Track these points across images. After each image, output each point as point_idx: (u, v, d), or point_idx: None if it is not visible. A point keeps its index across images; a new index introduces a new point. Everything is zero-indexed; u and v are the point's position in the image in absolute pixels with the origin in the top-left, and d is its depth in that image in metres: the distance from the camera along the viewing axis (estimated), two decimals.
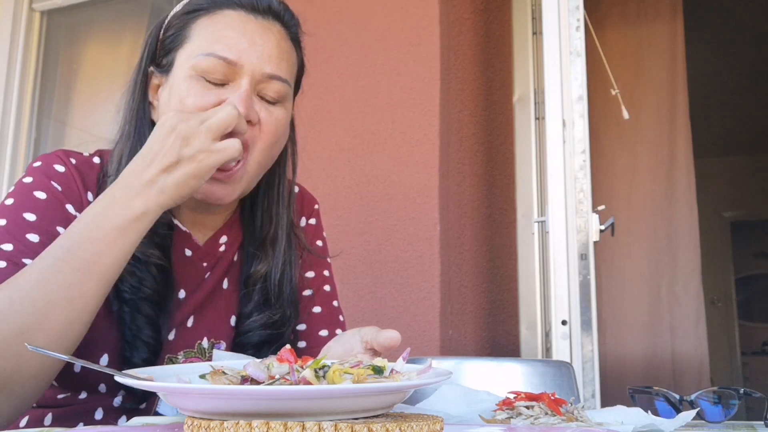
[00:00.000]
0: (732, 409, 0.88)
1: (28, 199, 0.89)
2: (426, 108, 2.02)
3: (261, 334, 0.98)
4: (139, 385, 0.62)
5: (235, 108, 0.84)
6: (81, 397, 0.90)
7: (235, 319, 1.00)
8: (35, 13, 2.90)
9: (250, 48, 0.91)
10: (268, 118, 0.93)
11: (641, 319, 2.66)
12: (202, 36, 0.92)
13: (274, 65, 0.92)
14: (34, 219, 0.87)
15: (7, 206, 0.88)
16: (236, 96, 0.89)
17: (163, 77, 0.95)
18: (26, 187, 0.90)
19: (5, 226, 0.86)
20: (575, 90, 1.84)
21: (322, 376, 0.63)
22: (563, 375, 1.46)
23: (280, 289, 1.00)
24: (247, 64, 0.90)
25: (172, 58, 0.94)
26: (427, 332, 1.91)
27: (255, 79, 0.91)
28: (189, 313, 0.96)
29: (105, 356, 0.89)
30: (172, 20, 0.96)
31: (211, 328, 0.97)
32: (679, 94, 2.74)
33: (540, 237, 2.35)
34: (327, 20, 2.18)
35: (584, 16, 1.89)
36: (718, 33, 4.00)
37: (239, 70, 0.90)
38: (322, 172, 2.08)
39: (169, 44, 0.95)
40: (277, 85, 0.93)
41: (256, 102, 0.92)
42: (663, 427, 0.73)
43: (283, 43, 0.96)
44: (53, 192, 0.90)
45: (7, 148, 2.76)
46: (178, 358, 0.94)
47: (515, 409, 0.76)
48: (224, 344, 0.98)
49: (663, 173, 2.73)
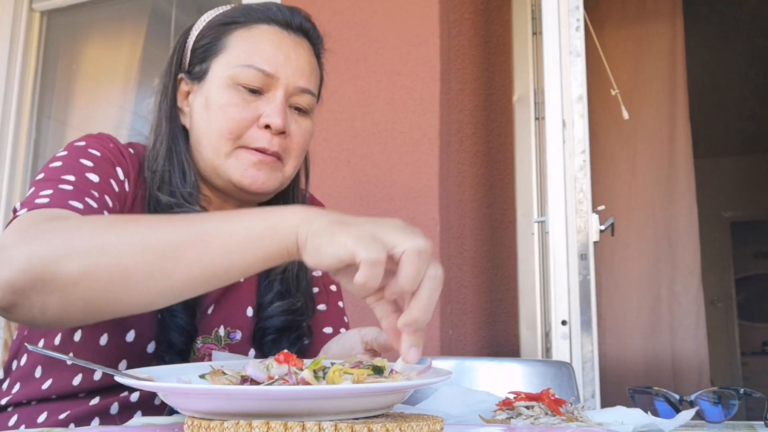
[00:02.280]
0: (732, 409, 0.88)
1: (84, 152, 0.92)
2: (426, 108, 2.02)
3: (283, 319, 1.01)
4: (139, 385, 0.62)
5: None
6: (96, 378, 0.90)
7: (254, 309, 1.03)
8: (35, 13, 2.90)
9: (286, 62, 0.98)
10: (298, 130, 1.00)
11: (641, 319, 2.66)
12: (239, 47, 0.98)
13: (306, 79, 1.00)
14: (91, 165, 0.90)
15: (61, 155, 0.91)
16: (273, 107, 0.96)
17: (194, 84, 1.01)
18: (79, 147, 0.93)
19: (62, 167, 0.88)
20: (575, 90, 1.84)
21: (322, 377, 0.63)
22: (563, 375, 1.46)
23: (298, 281, 1.05)
24: (283, 77, 0.97)
25: (206, 66, 0.99)
26: (427, 332, 1.90)
27: (289, 91, 0.98)
28: (210, 302, 0.99)
29: (132, 332, 0.90)
30: (206, 30, 1.01)
31: (228, 317, 1.00)
32: (679, 94, 2.74)
33: (540, 237, 2.35)
34: (327, 20, 2.17)
35: (584, 16, 1.89)
36: (718, 33, 4.00)
37: (275, 82, 0.97)
38: (322, 172, 2.08)
39: (203, 53, 1.00)
40: (307, 98, 1.01)
41: (288, 113, 0.99)
42: (663, 427, 0.73)
43: (312, 59, 1.03)
44: (106, 153, 0.94)
45: (7, 148, 2.76)
46: (197, 343, 0.96)
47: (515, 409, 0.76)
48: (240, 333, 1.00)
49: (663, 173, 2.73)
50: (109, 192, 0.90)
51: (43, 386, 0.91)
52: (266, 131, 0.96)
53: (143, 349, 0.90)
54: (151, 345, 0.91)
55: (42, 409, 0.90)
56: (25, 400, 0.92)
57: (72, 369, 0.90)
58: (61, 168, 0.88)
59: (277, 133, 0.97)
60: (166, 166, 0.97)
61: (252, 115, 0.96)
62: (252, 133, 0.96)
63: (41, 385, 0.91)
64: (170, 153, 0.99)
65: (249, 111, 0.96)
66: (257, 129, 0.96)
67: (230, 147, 0.96)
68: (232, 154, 0.96)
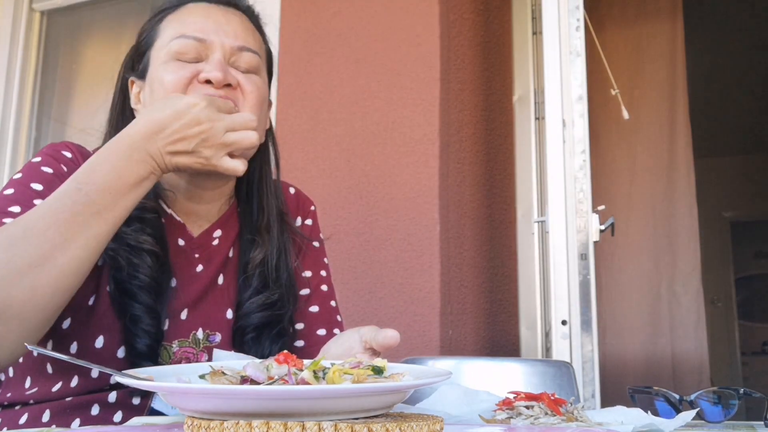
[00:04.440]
0: (732, 409, 0.88)
1: (36, 173, 0.93)
2: (426, 108, 2.01)
3: (260, 316, 0.99)
4: (139, 385, 0.62)
5: (253, 118, 0.87)
6: (72, 385, 0.90)
7: (233, 310, 1.01)
8: (35, 13, 2.90)
9: (217, 27, 0.97)
10: (247, 83, 0.97)
11: (641, 319, 2.66)
12: (170, 28, 0.98)
13: (241, 39, 0.98)
14: (41, 189, 0.91)
15: (15, 180, 0.93)
16: (211, 64, 0.94)
17: (142, 81, 1.00)
18: (34, 164, 0.95)
19: (13, 195, 0.90)
20: (575, 90, 1.84)
21: (322, 377, 0.63)
22: (563, 375, 1.46)
23: (277, 273, 1.03)
24: (216, 40, 0.96)
25: (146, 59, 1.00)
26: (427, 332, 1.91)
27: (226, 51, 0.96)
28: (183, 306, 0.97)
29: (101, 338, 0.90)
30: (143, 27, 1.03)
31: (206, 320, 0.98)
32: (679, 94, 2.74)
33: (540, 237, 2.35)
34: (327, 20, 2.17)
35: (584, 16, 1.88)
36: (718, 33, 4.00)
37: (210, 45, 0.96)
38: (322, 172, 2.08)
39: (143, 48, 1.01)
40: (248, 56, 0.98)
41: (232, 70, 0.96)
42: (663, 427, 0.73)
43: (247, 23, 1.02)
44: (60, 170, 0.94)
45: (7, 148, 2.76)
46: (172, 347, 0.95)
47: (515, 409, 0.76)
48: (219, 336, 0.98)
49: (663, 173, 2.73)
50: None
51: (27, 392, 0.91)
52: (209, 86, 0.93)
53: (114, 354, 0.90)
54: (121, 350, 0.90)
55: (23, 411, 0.91)
56: (9, 404, 0.93)
57: (53, 377, 0.91)
58: (11, 197, 0.89)
59: (220, 87, 0.93)
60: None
61: (191, 72, 0.94)
62: (193, 89, 0.93)
63: (25, 392, 0.92)
64: None
65: (186, 71, 0.94)
66: (198, 84, 0.94)
67: None
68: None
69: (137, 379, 0.63)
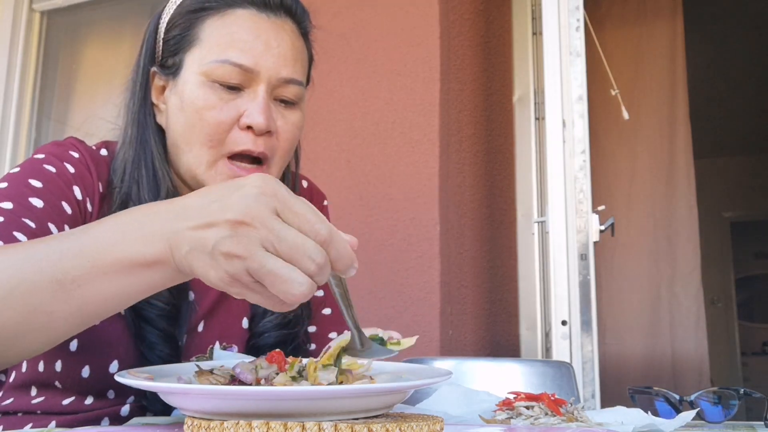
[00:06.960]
0: (732, 409, 0.88)
1: (36, 170, 0.86)
2: (426, 108, 2.01)
3: (276, 335, 0.96)
4: (139, 385, 0.61)
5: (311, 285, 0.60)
6: (87, 403, 0.88)
7: (248, 320, 0.97)
8: (35, 13, 2.90)
9: (266, 52, 0.88)
10: (285, 126, 0.91)
11: (641, 319, 2.66)
12: (213, 39, 0.88)
13: (290, 68, 0.90)
14: (39, 186, 0.83)
15: (12, 174, 0.86)
16: (254, 106, 0.87)
17: (169, 79, 0.92)
18: (36, 161, 0.87)
19: (6, 189, 0.82)
20: (575, 90, 1.84)
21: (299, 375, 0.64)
22: (563, 375, 1.46)
23: None
24: (264, 70, 0.88)
25: (179, 60, 0.91)
26: (427, 332, 1.91)
27: (272, 84, 0.89)
28: (199, 319, 0.94)
29: (115, 362, 0.86)
30: (176, 18, 0.92)
31: (222, 332, 0.95)
32: (679, 94, 2.74)
33: (540, 237, 2.35)
34: (327, 20, 2.17)
35: (584, 16, 1.89)
36: (718, 33, 4.00)
37: (255, 76, 0.87)
38: (322, 172, 2.08)
39: (175, 45, 0.91)
40: (293, 89, 0.91)
41: (273, 108, 0.90)
42: (663, 427, 0.73)
43: (297, 42, 0.93)
44: (63, 170, 0.87)
45: (7, 148, 2.76)
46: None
47: (515, 409, 0.76)
48: (236, 348, 0.95)
49: (663, 173, 2.73)
50: (54, 217, 0.83)
51: (33, 401, 0.88)
52: (249, 132, 0.87)
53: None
54: None
55: (27, 420, 0.87)
56: (12, 411, 0.89)
57: (64, 391, 0.87)
58: (3, 191, 0.82)
59: (261, 134, 0.88)
60: (133, 179, 0.89)
61: (232, 116, 0.87)
62: (234, 136, 0.87)
63: (31, 401, 0.88)
64: (138, 163, 0.90)
65: (228, 112, 0.87)
66: (239, 131, 0.87)
67: (212, 156, 0.88)
68: (213, 166, 0.88)
69: (137, 379, 0.63)
